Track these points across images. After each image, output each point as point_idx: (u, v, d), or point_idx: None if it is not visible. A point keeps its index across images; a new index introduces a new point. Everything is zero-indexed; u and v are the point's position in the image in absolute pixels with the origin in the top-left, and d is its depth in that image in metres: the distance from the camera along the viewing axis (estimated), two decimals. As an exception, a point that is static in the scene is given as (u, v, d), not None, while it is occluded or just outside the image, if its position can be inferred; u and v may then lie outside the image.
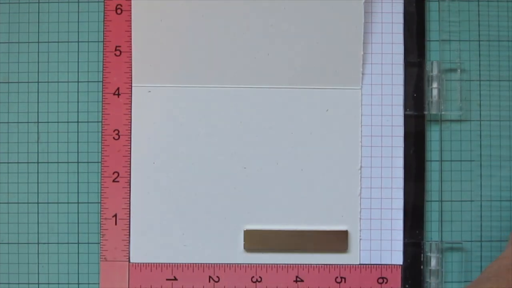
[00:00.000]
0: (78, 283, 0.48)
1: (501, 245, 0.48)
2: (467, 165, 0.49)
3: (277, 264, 0.48)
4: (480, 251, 0.48)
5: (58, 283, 0.48)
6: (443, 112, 0.48)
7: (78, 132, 0.48)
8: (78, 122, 0.49)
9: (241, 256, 0.48)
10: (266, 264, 0.48)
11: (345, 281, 0.48)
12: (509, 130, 0.49)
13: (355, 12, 0.47)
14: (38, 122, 0.48)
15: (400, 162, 0.48)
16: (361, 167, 0.48)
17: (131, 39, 0.48)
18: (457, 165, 0.49)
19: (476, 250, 0.48)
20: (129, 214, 0.48)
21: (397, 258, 0.48)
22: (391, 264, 0.48)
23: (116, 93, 0.48)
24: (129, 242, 0.48)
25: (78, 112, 0.49)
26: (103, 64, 0.48)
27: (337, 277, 0.48)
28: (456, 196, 0.48)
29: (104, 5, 0.48)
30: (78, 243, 0.48)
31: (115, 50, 0.48)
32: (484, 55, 0.49)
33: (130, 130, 0.48)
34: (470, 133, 0.49)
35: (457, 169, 0.49)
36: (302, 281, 0.48)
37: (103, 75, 0.48)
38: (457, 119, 0.49)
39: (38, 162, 0.48)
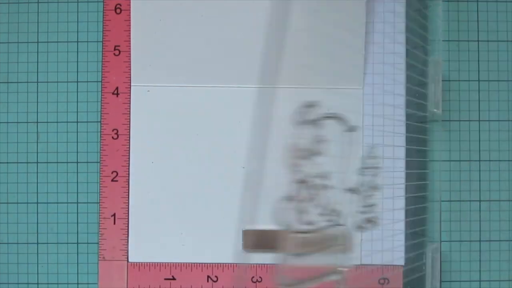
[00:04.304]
0: (78, 283, 0.48)
1: (500, 246, 0.48)
2: (467, 165, 0.49)
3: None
4: (480, 251, 0.48)
5: (58, 283, 0.48)
6: (443, 112, 0.48)
7: (77, 132, 0.49)
8: (77, 122, 0.49)
9: (240, 256, 0.48)
10: (266, 264, 0.48)
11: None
12: (509, 130, 0.49)
13: (356, 11, 0.47)
14: (37, 122, 0.49)
15: (401, 162, 0.48)
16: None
17: (130, 38, 0.48)
18: (457, 165, 0.49)
19: (476, 250, 0.48)
20: (128, 213, 0.48)
21: (399, 258, 0.48)
22: (393, 265, 0.48)
23: (115, 92, 0.48)
24: (127, 242, 0.48)
25: (77, 112, 0.49)
26: (102, 64, 0.48)
27: (336, 277, 0.47)
28: (456, 196, 0.48)
29: (103, 4, 0.48)
30: (77, 243, 0.48)
31: (114, 49, 0.48)
32: (483, 55, 0.49)
33: (129, 129, 0.48)
34: (470, 133, 0.49)
35: (457, 169, 0.49)
36: (301, 281, 0.48)
37: (102, 74, 0.48)
38: (457, 119, 0.49)
39: (37, 162, 0.48)
